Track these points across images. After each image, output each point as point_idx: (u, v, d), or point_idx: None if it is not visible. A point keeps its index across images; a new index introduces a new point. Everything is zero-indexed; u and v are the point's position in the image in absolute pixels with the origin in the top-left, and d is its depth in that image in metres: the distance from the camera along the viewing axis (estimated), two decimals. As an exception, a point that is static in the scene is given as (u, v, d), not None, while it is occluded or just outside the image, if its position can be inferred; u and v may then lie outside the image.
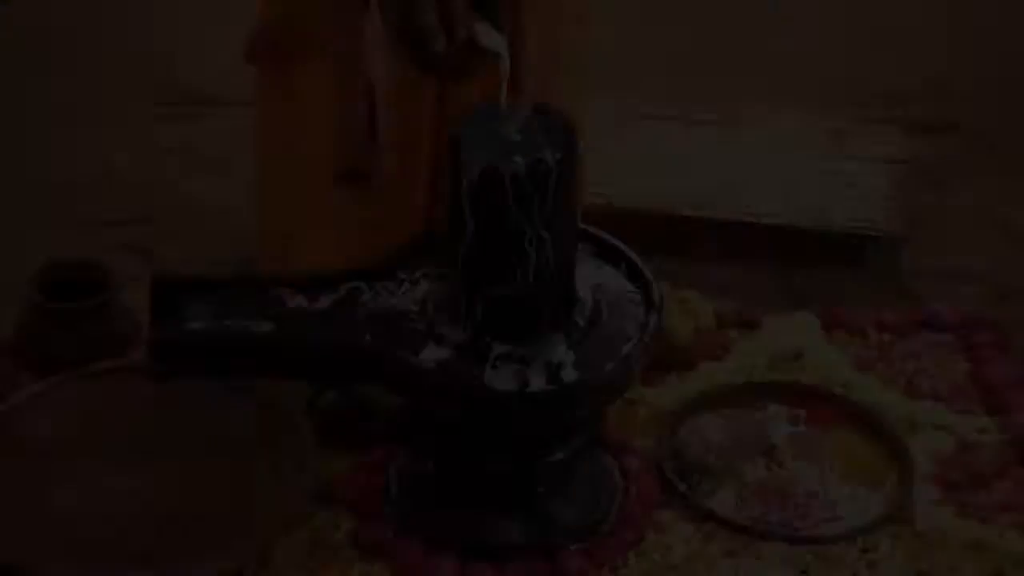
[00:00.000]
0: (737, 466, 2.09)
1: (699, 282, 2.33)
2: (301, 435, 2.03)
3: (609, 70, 4.13)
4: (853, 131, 3.83)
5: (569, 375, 1.81)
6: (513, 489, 1.97)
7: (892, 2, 4.62)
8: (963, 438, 2.16)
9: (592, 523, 1.98)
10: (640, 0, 4.62)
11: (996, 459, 2.13)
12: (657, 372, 2.26)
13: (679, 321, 2.26)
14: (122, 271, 2.26)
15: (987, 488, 2.08)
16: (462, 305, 1.84)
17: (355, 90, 2.18)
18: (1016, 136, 4.01)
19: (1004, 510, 2.04)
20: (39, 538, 1.92)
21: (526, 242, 1.77)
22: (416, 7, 1.83)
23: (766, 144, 3.77)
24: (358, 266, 1.96)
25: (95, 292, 2.20)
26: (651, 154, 3.61)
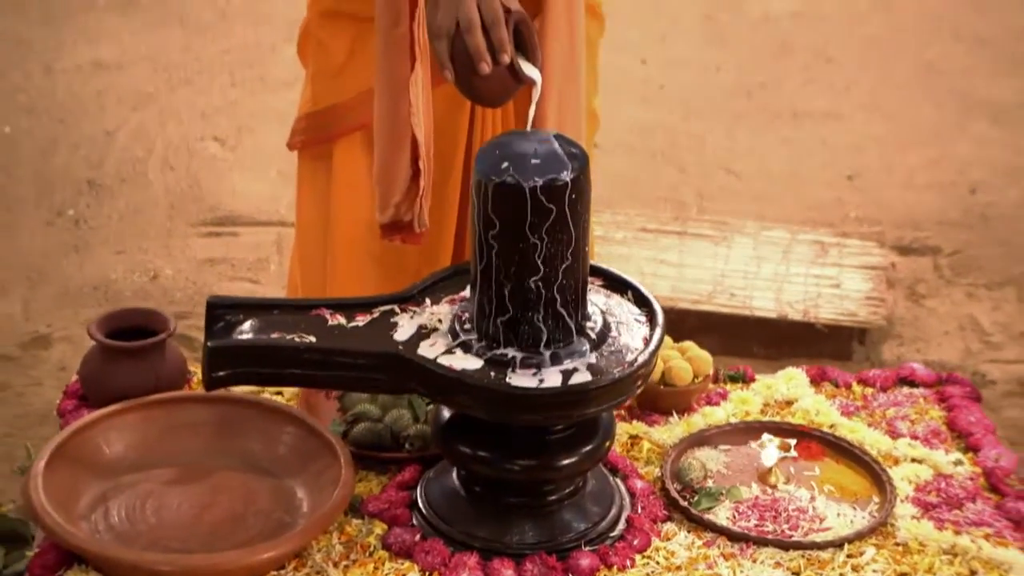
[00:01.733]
0: (734, 488, 2.18)
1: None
2: (338, 456, 2.11)
3: (616, 194, 4.33)
4: (835, 245, 3.99)
5: (580, 377, 1.92)
6: (529, 495, 2.06)
7: (864, 142, 4.87)
8: (939, 469, 2.25)
9: (602, 531, 2.06)
10: (644, 136, 4.87)
11: (969, 486, 2.22)
12: (660, 414, 2.37)
13: (680, 367, 2.36)
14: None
15: (961, 508, 2.16)
16: (485, 318, 1.95)
17: (401, 147, 2.30)
18: (979, 256, 4.21)
19: (977, 525, 2.13)
20: (103, 535, 2.02)
21: (542, 255, 1.89)
22: (465, 29, 2.00)
23: (756, 254, 3.92)
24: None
25: (152, 336, 2.31)
26: (652, 260, 3.74)
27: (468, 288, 2.03)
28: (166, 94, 5.10)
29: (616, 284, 2.12)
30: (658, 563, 2.03)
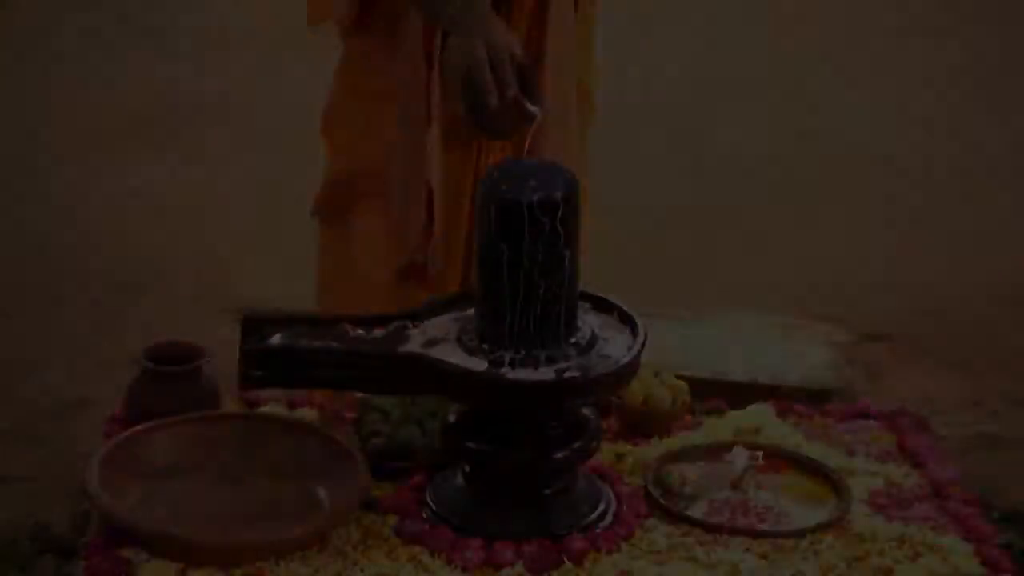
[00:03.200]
0: (709, 492, 2.31)
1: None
2: (356, 461, 2.25)
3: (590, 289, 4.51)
4: (800, 326, 4.18)
5: (571, 372, 2.07)
6: (527, 488, 2.19)
7: (826, 257, 5.09)
8: (891, 480, 2.39)
9: (591, 522, 2.19)
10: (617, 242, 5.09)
11: (917, 492, 2.35)
12: (642, 436, 2.50)
13: (659, 392, 2.50)
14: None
15: (910, 508, 2.30)
16: (487, 326, 2.10)
17: (418, 196, 2.47)
18: (933, 346, 4.41)
19: (923, 520, 2.26)
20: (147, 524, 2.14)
21: (539, 268, 2.04)
22: (475, 67, 2.20)
23: (728, 332, 4.10)
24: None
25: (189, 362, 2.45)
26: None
27: (472, 307, 2.18)
28: (193, 213, 5.31)
29: (602, 306, 2.27)
30: (642, 549, 2.16)
